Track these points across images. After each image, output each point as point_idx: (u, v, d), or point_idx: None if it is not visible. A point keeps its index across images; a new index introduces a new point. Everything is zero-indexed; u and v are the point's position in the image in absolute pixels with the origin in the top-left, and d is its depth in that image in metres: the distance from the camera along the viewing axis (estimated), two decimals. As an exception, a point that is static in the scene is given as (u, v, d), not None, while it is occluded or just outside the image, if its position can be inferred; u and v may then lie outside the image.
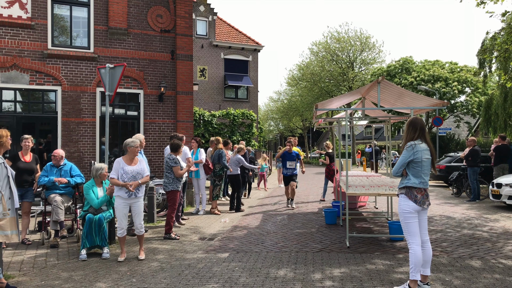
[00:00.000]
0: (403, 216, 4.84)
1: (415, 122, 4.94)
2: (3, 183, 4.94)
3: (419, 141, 4.87)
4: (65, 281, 5.36)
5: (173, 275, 5.54)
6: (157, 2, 12.04)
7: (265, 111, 65.16)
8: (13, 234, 4.96)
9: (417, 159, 4.79)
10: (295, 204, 11.98)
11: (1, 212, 4.87)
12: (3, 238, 4.89)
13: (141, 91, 11.86)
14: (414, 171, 4.83)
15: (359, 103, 10.19)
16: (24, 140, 7.65)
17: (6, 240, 4.92)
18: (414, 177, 4.83)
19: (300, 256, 6.47)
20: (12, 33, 10.55)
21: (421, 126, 4.91)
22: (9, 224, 4.93)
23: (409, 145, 4.84)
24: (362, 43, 39.52)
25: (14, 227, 4.99)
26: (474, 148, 12.81)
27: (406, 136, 4.98)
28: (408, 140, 4.92)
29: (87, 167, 11.04)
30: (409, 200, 4.81)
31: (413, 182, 4.81)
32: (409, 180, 4.83)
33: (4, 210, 4.89)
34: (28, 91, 10.81)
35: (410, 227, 4.80)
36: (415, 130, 4.91)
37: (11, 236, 4.94)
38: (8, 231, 4.91)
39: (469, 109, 29.26)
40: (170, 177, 8.00)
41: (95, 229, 6.57)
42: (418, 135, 4.89)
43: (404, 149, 4.86)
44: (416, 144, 4.82)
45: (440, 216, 10.01)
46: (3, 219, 4.88)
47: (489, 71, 19.89)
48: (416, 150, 4.79)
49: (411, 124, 4.95)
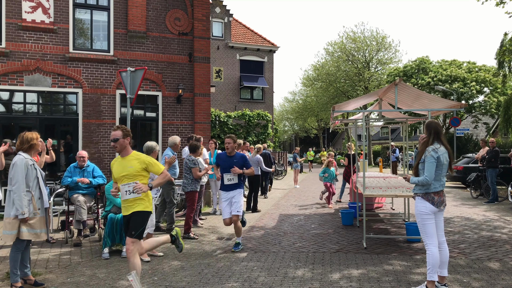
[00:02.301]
0: (420, 217, 4.87)
1: (429, 125, 4.97)
2: (33, 183, 5.14)
3: (437, 144, 4.89)
4: (89, 278, 5.54)
5: (193, 274, 5.67)
6: (175, 5, 12.23)
7: (280, 111, 65.19)
8: (42, 232, 5.18)
9: (440, 163, 4.83)
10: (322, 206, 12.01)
11: (31, 212, 5.07)
12: (33, 236, 5.09)
13: (159, 93, 12.07)
14: (436, 173, 4.84)
15: (376, 105, 10.21)
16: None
17: (35, 238, 5.13)
18: (435, 181, 4.84)
19: (318, 256, 6.55)
20: (36, 37, 10.86)
21: (435, 130, 4.93)
22: (39, 223, 5.14)
23: (432, 150, 4.84)
24: (378, 43, 39.33)
25: (43, 226, 5.21)
26: (494, 149, 12.69)
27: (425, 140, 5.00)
28: (426, 145, 4.95)
29: (107, 168, 11.28)
30: (426, 202, 4.84)
31: (434, 187, 4.84)
32: (429, 185, 4.85)
33: (34, 210, 5.10)
34: (50, 93, 11.11)
35: (427, 228, 4.83)
36: (429, 134, 4.95)
37: (40, 234, 5.16)
38: (37, 229, 5.12)
39: (487, 109, 28.87)
40: (189, 177, 8.14)
41: (116, 228, 6.74)
42: (434, 139, 4.92)
43: (428, 154, 4.83)
44: (437, 148, 4.85)
45: (458, 218, 9.96)
46: (33, 218, 5.08)
47: (509, 71, 19.60)
48: (438, 155, 4.82)
49: (426, 128, 4.99)
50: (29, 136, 5.28)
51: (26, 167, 5.08)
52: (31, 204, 5.07)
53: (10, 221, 4.99)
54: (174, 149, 8.64)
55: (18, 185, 4.98)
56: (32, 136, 5.30)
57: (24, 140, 5.23)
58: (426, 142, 4.96)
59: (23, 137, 5.26)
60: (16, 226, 4.99)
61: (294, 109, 56.84)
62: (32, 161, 5.21)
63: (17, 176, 5.00)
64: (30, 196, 5.07)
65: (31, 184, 5.11)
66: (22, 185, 5.00)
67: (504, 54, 14.63)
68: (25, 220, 4.99)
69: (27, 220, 5.00)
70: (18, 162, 5.07)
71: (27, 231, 5.03)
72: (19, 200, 4.95)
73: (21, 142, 5.24)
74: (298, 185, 18.95)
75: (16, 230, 4.99)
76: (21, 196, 4.96)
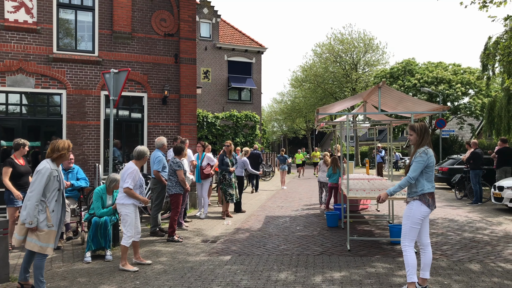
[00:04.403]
0: (413, 221, 4.84)
1: (421, 128, 4.98)
2: (50, 195, 4.94)
3: (427, 146, 4.93)
4: (70, 283, 5.47)
5: (176, 278, 5.64)
6: (161, 6, 12.16)
7: (268, 112, 65.22)
8: (48, 247, 4.90)
9: (430, 163, 4.86)
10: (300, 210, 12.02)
11: (45, 224, 4.86)
12: (38, 248, 4.84)
13: (145, 94, 11.98)
14: (427, 176, 4.88)
15: (361, 107, 10.27)
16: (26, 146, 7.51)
17: (40, 251, 4.86)
18: (427, 182, 4.88)
19: (301, 259, 6.56)
20: (18, 37, 10.70)
21: (427, 133, 4.97)
22: (47, 237, 4.88)
23: (422, 151, 4.87)
24: (365, 44, 39.57)
25: (51, 240, 4.93)
26: (475, 151, 12.85)
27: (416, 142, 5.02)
28: (418, 146, 4.96)
29: (91, 170, 11.17)
30: (424, 205, 4.84)
31: (427, 187, 4.86)
32: (423, 186, 4.85)
33: (48, 222, 4.88)
34: (33, 94, 10.95)
35: (414, 232, 4.85)
36: (421, 136, 4.95)
37: (46, 249, 4.88)
38: (43, 243, 4.86)
39: (472, 111, 29.25)
40: (174, 180, 8.09)
41: (100, 231, 6.67)
42: (424, 141, 4.93)
43: (418, 155, 4.85)
44: (427, 149, 4.88)
45: (441, 219, 10.06)
46: (43, 231, 4.85)
47: (493, 74, 19.88)
48: (428, 157, 4.84)
49: (419, 130, 4.99)
50: (61, 145, 5.05)
51: (49, 178, 4.89)
52: (44, 215, 4.86)
53: (19, 225, 4.88)
54: (162, 150, 8.59)
55: (35, 193, 4.81)
56: (64, 146, 5.07)
57: (55, 149, 5.02)
58: (416, 144, 4.99)
59: (55, 145, 5.04)
60: (23, 232, 4.86)
61: (283, 110, 56.89)
62: (57, 172, 5.01)
63: (36, 184, 4.83)
64: (43, 206, 4.87)
65: (49, 195, 4.92)
66: (38, 195, 4.82)
67: (488, 57, 14.83)
68: (33, 230, 4.82)
69: (35, 230, 4.82)
70: (43, 171, 4.88)
71: (31, 241, 4.84)
72: (31, 209, 4.78)
73: (52, 149, 5.02)
74: (285, 186, 18.99)
75: (23, 236, 4.87)
76: (34, 205, 4.79)
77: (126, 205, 6.19)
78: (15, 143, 7.26)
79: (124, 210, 6.20)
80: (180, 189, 8.09)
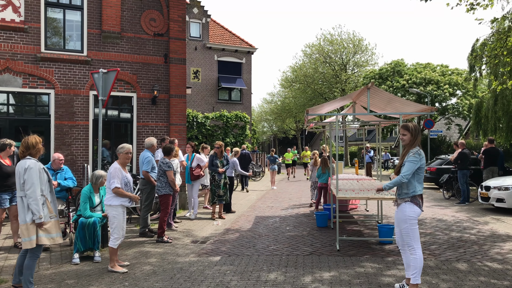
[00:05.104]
0: (408, 223, 4.85)
1: (414, 128, 5.00)
2: (45, 187, 5.08)
3: (418, 147, 4.94)
4: (58, 285, 5.41)
5: (165, 279, 5.62)
6: (150, 6, 12.10)
7: (258, 112, 65.29)
8: (57, 236, 5.14)
9: (422, 165, 4.87)
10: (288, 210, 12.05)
11: (47, 215, 5.00)
12: (50, 240, 5.05)
13: (134, 94, 11.91)
14: (418, 177, 4.88)
15: (350, 107, 10.33)
16: (12, 146, 7.40)
17: (52, 242, 5.10)
18: (418, 184, 4.89)
19: (291, 259, 6.58)
20: (5, 36, 10.57)
21: (420, 133, 5.00)
22: (54, 227, 5.10)
23: (416, 151, 4.86)
24: (355, 45, 39.83)
25: (58, 229, 5.17)
26: (462, 151, 13.00)
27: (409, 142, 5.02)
28: (411, 147, 4.96)
29: (80, 170, 11.08)
30: (415, 206, 4.85)
31: (418, 189, 4.88)
32: (414, 187, 4.85)
33: (50, 213, 5.05)
34: (21, 94, 10.83)
35: (415, 232, 4.86)
36: (414, 137, 4.96)
37: (56, 238, 5.12)
38: (53, 233, 5.08)
39: (460, 111, 29.59)
40: (163, 181, 8.05)
41: (88, 232, 6.61)
42: (416, 142, 4.95)
43: (412, 155, 4.84)
44: (420, 150, 4.88)
45: (429, 219, 10.17)
46: (49, 222, 5.02)
47: (480, 75, 20.12)
48: (422, 157, 4.86)
49: (413, 130, 4.98)
50: (33, 140, 5.15)
51: (38, 171, 4.99)
52: (46, 208, 5.02)
53: (28, 226, 4.88)
54: (151, 150, 8.53)
55: (33, 188, 4.88)
56: (37, 140, 5.19)
57: (30, 145, 5.10)
58: (410, 144, 4.99)
59: (28, 142, 5.10)
60: (34, 231, 4.91)
61: (273, 110, 57.00)
62: (41, 165, 5.12)
63: (32, 180, 4.90)
64: (43, 199, 5.00)
65: (44, 187, 5.04)
66: (37, 189, 4.91)
67: (475, 59, 15.02)
68: (41, 225, 4.91)
69: (43, 224, 4.93)
70: (32, 165, 4.96)
71: (44, 236, 4.98)
72: (35, 204, 4.86)
73: (27, 147, 5.09)
74: (275, 187, 19.02)
75: (34, 235, 4.91)
76: (38, 199, 4.88)
77: (114, 206, 6.13)
78: (1, 143, 7.17)
79: (111, 211, 6.14)
80: (170, 189, 8.05)
